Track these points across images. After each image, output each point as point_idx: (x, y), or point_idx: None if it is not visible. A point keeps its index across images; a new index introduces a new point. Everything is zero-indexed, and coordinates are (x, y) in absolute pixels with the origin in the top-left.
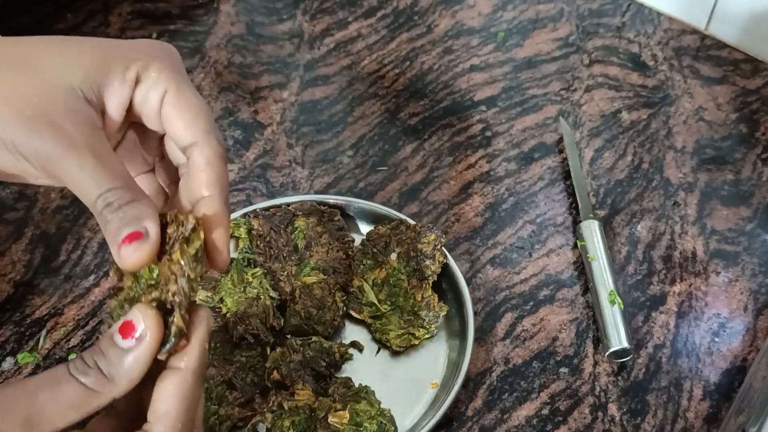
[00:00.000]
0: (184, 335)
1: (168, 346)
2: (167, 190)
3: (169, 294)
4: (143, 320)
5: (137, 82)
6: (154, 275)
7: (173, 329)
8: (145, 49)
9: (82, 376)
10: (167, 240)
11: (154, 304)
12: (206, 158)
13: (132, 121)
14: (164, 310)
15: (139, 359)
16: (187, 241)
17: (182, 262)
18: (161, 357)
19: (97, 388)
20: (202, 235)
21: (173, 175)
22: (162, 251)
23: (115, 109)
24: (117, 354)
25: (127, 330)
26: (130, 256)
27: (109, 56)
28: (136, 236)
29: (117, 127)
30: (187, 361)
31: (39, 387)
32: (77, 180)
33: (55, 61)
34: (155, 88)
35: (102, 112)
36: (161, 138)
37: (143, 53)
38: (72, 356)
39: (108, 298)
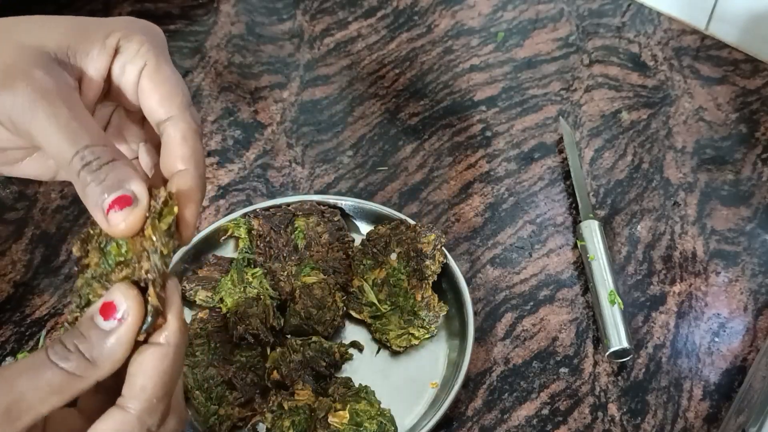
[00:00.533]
0: (160, 313)
1: (146, 325)
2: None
3: (143, 272)
4: (125, 300)
5: (117, 51)
6: (123, 251)
7: (149, 308)
8: (128, 23)
9: (62, 362)
10: None
11: (127, 281)
12: (182, 133)
13: (115, 104)
14: (137, 288)
15: (121, 340)
16: (160, 215)
17: (154, 238)
18: (140, 338)
19: (79, 373)
20: (175, 210)
21: (156, 158)
22: None
23: (93, 76)
24: (99, 336)
25: (108, 311)
26: (120, 223)
27: (90, 25)
28: (125, 201)
29: (95, 97)
30: (168, 336)
31: (18, 374)
32: (49, 133)
33: (31, 29)
34: (134, 61)
35: (78, 79)
36: (143, 120)
37: (125, 26)
38: None
39: (74, 275)
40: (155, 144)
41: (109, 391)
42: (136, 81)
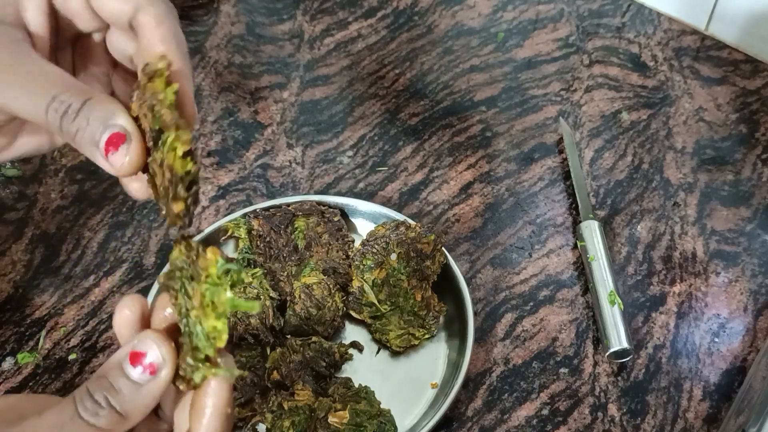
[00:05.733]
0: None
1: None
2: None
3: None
4: (158, 351)
5: None
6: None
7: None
8: None
9: (93, 418)
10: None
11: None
12: (155, 17)
13: (73, 43)
14: (170, 333)
15: (155, 393)
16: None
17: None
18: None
19: (110, 427)
20: (175, 87)
21: (131, 83)
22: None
23: (36, 17)
24: (130, 388)
25: (139, 360)
26: (123, 163)
27: None
28: (118, 139)
29: (47, 40)
30: (206, 429)
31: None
32: (15, 101)
33: None
34: None
35: (25, 30)
36: (106, 49)
37: None
38: (72, 356)
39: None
40: (125, 71)
41: None
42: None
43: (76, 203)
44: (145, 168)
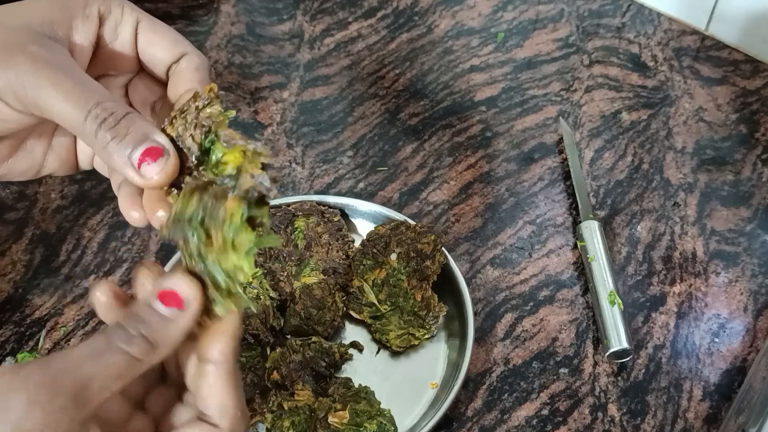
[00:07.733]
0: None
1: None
2: None
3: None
4: (187, 288)
5: (101, 20)
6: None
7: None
8: None
9: (127, 346)
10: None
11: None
12: (195, 64)
13: (98, 73)
14: (197, 276)
15: (183, 326)
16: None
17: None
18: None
19: (141, 357)
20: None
21: (156, 89)
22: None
23: (83, 45)
24: (160, 322)
25: (169, 299)
26: (155, 175)
27: (66, 0)
28: (157, 152)
29: (85, 65)
30: (220, 353)
31: (83, 361)
32: (56, 100)
33: (12, 13)
34: (124, 22)
35: (69, 50)
36: (126, 86)
37: None
38: None
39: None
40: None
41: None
42: (133, 39)
43: (76, 203)
44: (171, 185)
